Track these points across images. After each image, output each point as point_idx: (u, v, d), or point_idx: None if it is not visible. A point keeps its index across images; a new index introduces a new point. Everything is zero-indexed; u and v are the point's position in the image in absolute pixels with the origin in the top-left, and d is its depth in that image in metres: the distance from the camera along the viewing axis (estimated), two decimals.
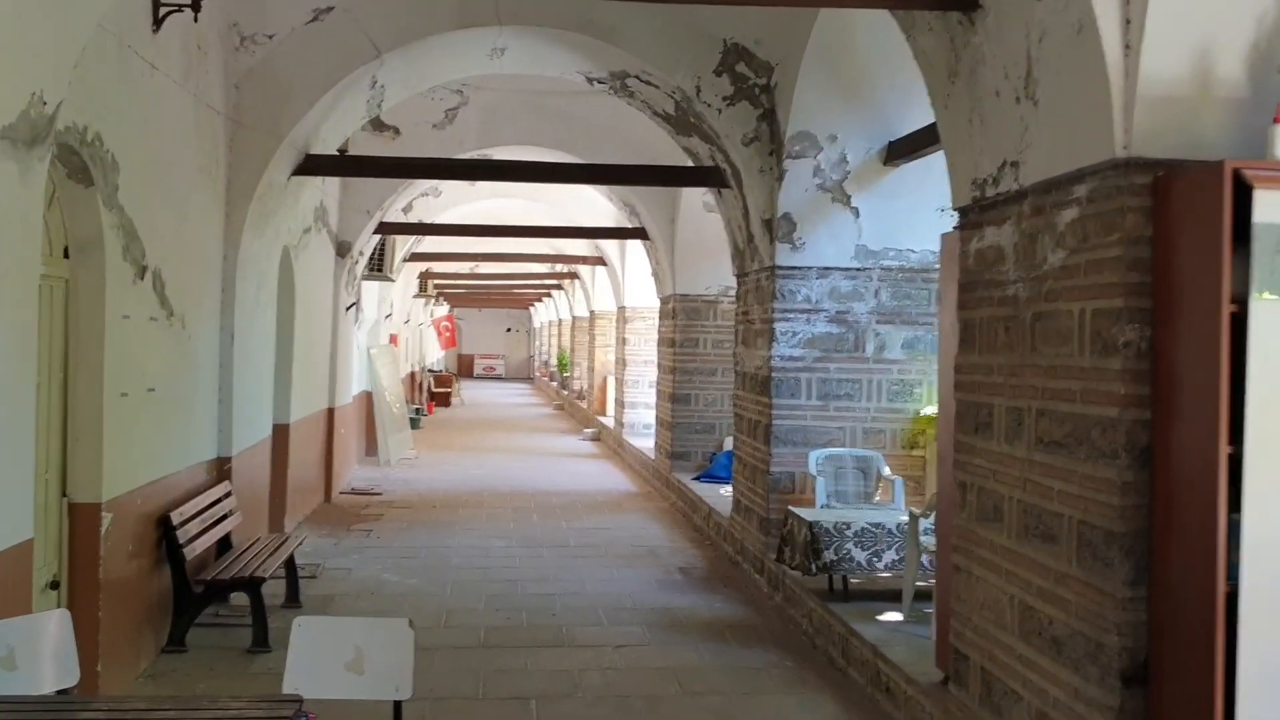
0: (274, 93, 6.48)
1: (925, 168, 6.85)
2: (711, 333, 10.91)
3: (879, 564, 5.78)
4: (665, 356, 11.44)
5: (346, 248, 10.67)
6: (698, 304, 10.90)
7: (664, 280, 11.45)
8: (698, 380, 10.91)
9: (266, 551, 6.42)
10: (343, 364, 11.06)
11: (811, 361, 6.92)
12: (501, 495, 11.27)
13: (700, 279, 10.87)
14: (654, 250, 11.55)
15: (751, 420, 7.38)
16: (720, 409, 10.93)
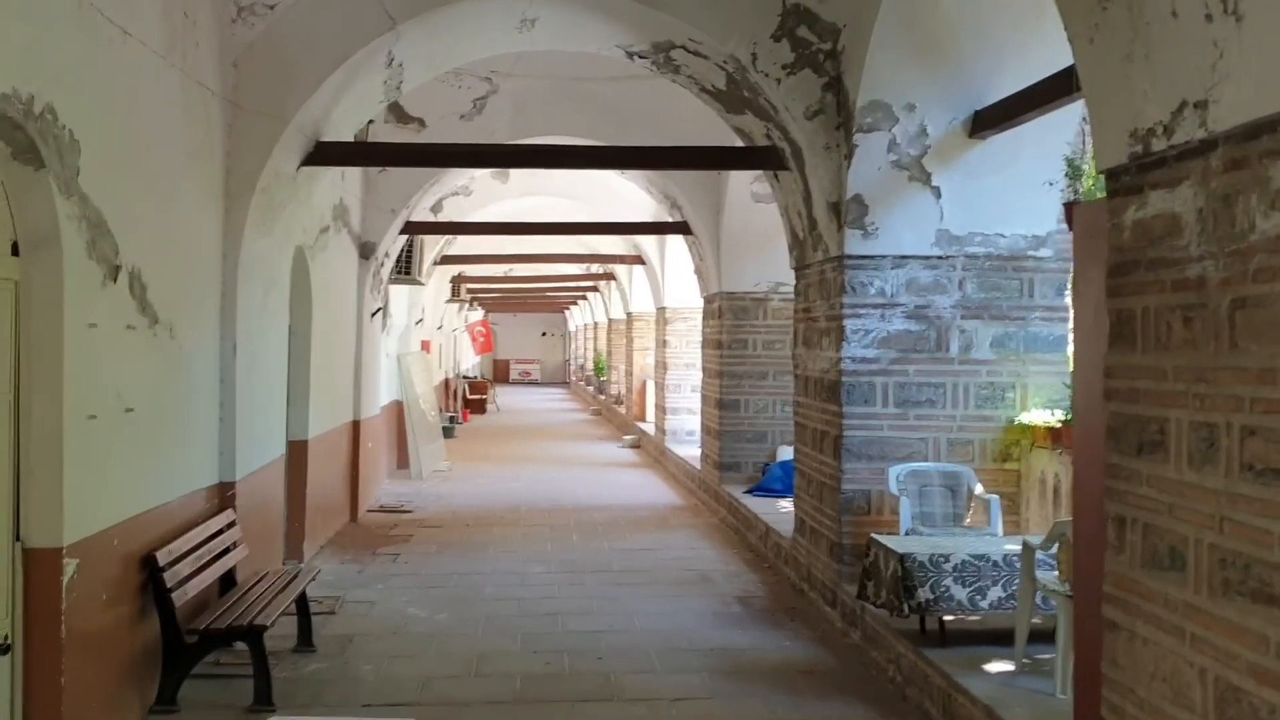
0: (277, 70, 5.76)
1: (1017, 140, 6.07)
2: (761, 333, 10.32)
3: (982, 602, 4.93)
4: (711, 359, 10.89)
5: (370, 249, 10.12)
6: (746, 302, 10.29)
7: (708, 278, 10.82)
8: (747, 385, 10.33)
9: (275, 589, 5.69)
10: (369, 373, 10.52)
11: (887, 363, 6.21)
12: (538, 511, 10.73)
13: (748, 275, 10.29)
14: (697, 245, 10.94)
15: (817, 430, 6.68)
16: (772, 416, 10.34)
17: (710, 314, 10.91)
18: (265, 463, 6.52)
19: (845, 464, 6.20)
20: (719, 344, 10.41)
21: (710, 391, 10.88)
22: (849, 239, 6.11)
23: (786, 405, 10.08)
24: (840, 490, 6.23)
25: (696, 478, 11.60)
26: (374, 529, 9.65)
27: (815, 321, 6.72)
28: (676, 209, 11.01)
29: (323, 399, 8.53)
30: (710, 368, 10.91)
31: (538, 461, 15.10)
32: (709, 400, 10.98)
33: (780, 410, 10.21)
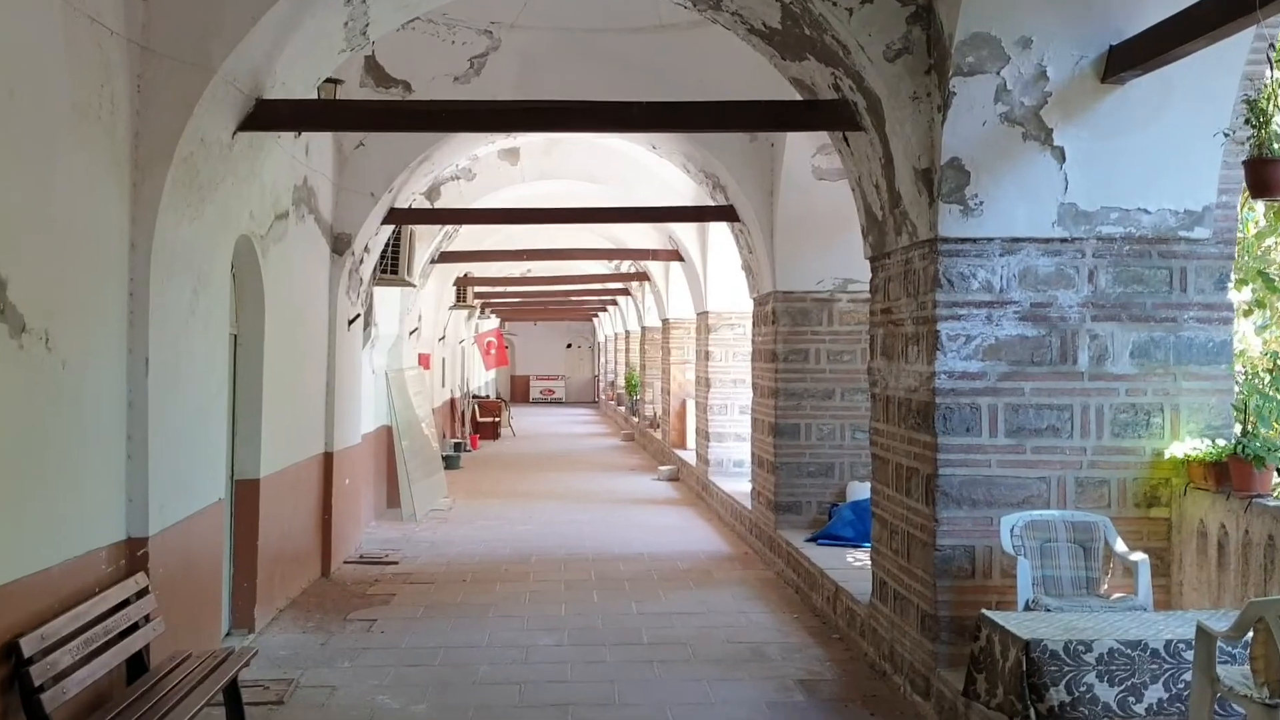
0: (199, 3, 5.13)
1: (1164, 86, 5.40)
2: (825, 341, 9.86)
3: (1137, 706, 4.16)
4: (764, 374, 10.48)
5: (345, 242, 9.73)
6: (806, 304, 9.83)
7: (760, 274, 10.38)
8: (808, 406, 9.86)
9: (198, 676, 5.01)
10: (346, 393, 10.14)
11: (995, 380, 5.60)
12: (552, 562, 10.30)
13: (809, 270, 9.82)
14: (746, 235, 10.49)
15: (901, 466, 6.09)
16: (840, 444, 9.85)
17: (762, 319, 10.56)
18: (195, 510, 5.96)
19: (940, 511, 5.56)
20: (773, 356, 9.99)
21: (763, 414, 10.48)
22: (944, 217, 5.52)
23: (859, 431, 9.62)
24: (934, 546, 5.59)
25: (747, 520, 11.23)
26: (349, 586, 9.19)
27: (899, 326, 6.14)
28: (720, 190, 10.58)
29: (283, 426, 8.09)
30: (762, 384, 10.53)
31: (557, 498, 14.93)
32: (761, 425, 10.56)
33: (850, 437, 9.76)
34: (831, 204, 9.34)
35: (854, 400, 9.66)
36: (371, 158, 9.65)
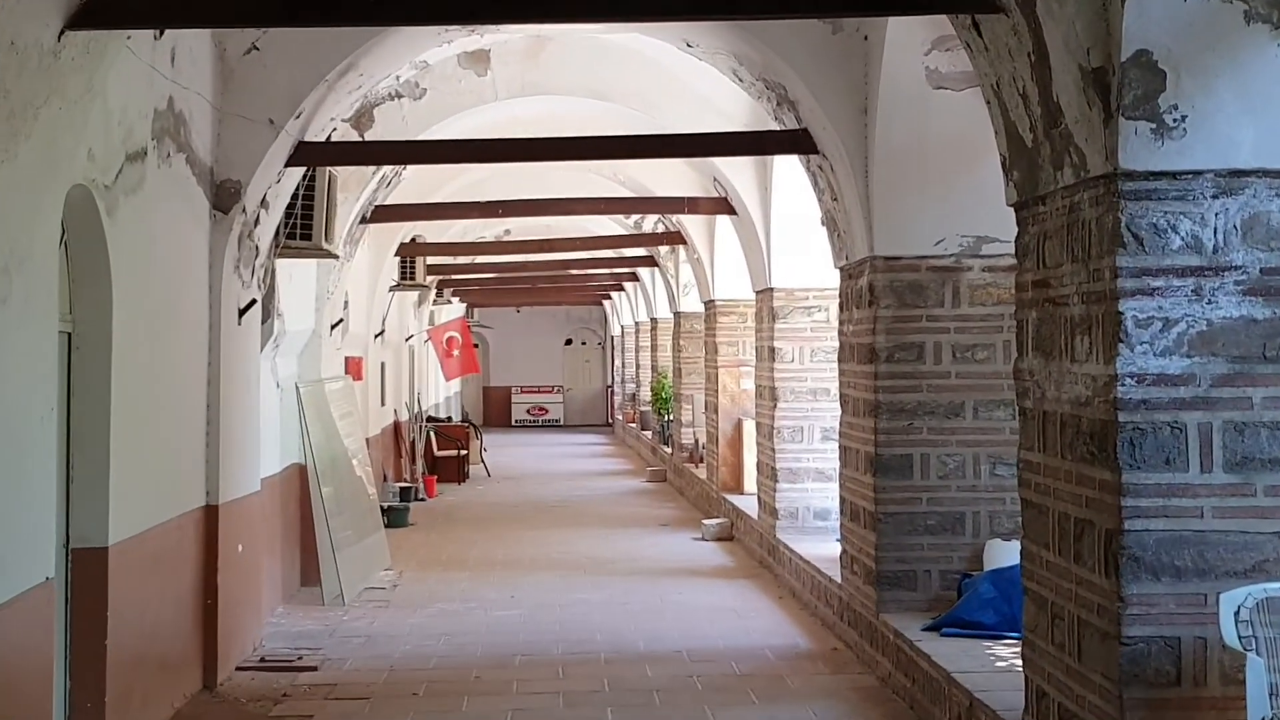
0: None
1: None
2: (950, 330, 9.86)
3: None
4: (856, 381, 10.57)
5: (232, 193, 9.83)
6: (920, 274, 9.86)
7: (850, 232, 10.47)
8: (924, 427, 9.87)
9: None
10: (236, 418, 10.25)
11: (1209, 385, 5.59)
12: (547, 665, 10.40)
13: (923, 225, 9.84)
14: (827, 173, 10.56)
15: (1069, 517, 6.07)
16: (973, 483, 9.84)
17: (853, 299, 10.61)
18: (4, 597, 5.96)
19: (1128, 585, 5.54)
20: (870, 354, 10.02)
21: (856, 440, 10.52)
22: (1128, 142, 5.50)
23: (1001, 464, 9.62)
24: (1119, 637, 5.57)
25: (834, 599, 11.31)
26: (245, 705, 9.28)
27: (1061, 306, 6.14)
28: (788, 108, 10.60)
29: (142, 469, 8.17)
30: (855, 397, 10.57)
31: (552, 567, 15.21)
32: (854, 457, 10.61)
33: (989, 474, 9.76)
34: (956, 125, 9.37)
35: (993, 418, 9.71)
36: (270, 68, 9.73)
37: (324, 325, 14.24)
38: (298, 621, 12.02)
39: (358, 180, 13.47)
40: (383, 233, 17.81)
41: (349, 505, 14.16)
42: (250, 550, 10.71)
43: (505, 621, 12.01)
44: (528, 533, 18.07)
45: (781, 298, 14.52)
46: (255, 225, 10.28)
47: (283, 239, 11.23)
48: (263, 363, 11.54)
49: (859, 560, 10.40)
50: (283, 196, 10.79)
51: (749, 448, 17.32)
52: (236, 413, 10.22)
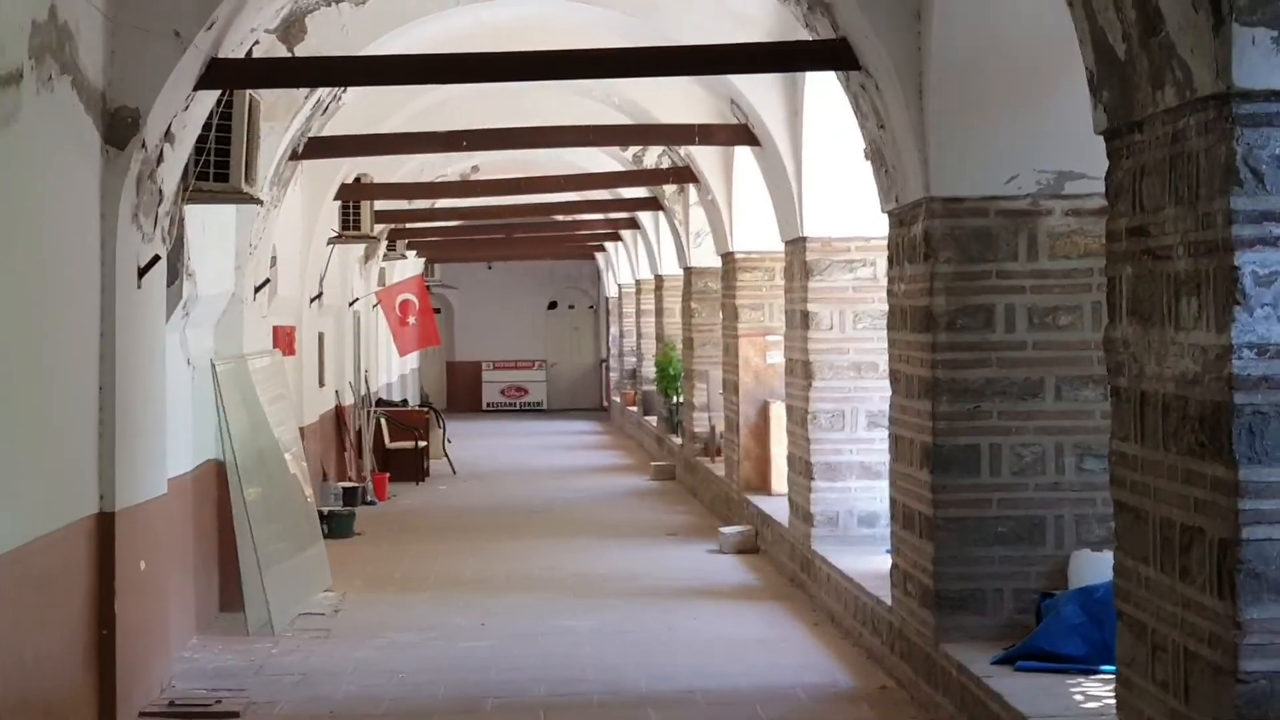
0: None
1: None
2: (1025, 290, 9.88)
3: None
4: (909, 353, 10.58)
5: (129, 123, 9.77)
6: (988, 219, 9.88)
7: (899, 168, 10.50)
8: (994, 411, 9.89)
9: None
10: (136, 404, 10.24)
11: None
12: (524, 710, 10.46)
13: (991, 157, 9.88)
14: (871, 94, 10.55)
15: (1173, 524, 6.08)
16: (1055, 480, 9.87)
17: (905, 250, 10.62)
18: None
19: (1246, 607, 5.54)
20: (927, 318, 10.02)
21: (909, 427, 10.55)
22: (1244, 54, 5.50)
23: (1090, 455, 9.64)
24: (1235, 673, 5.57)
25: (883, 625, 11.34)
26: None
27: (1162, 260, 6.15)
28: (821, 12, 10.64)
29: (12, 468, 8.14)
30: (907, 373, 10.60)
31: (533, 588, 15.26)
32: (907, 448, 10.63)
33: (1075, 468, 9.78)
34: (1031, 33, 9.39)
35: (1080, 399, 9.74)
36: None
37: (246, 287, 14.22)
38: (216, 655, 12.02)
39: (286, 107, 13.47)
40: (319, 172, 17.94)
41: (279, 511, 14.19)
42: (155, 568, 10.67)
43: (474, 655, 12.02)
44: (502, 544, 18.07)
45: (817, 249, 14.44)
46: (158, 163, 10.20)
47: (193, 180, 11.18)
48: (170, 335, 11.47)
49: (913, 577, 10.38)
50: (192, 127, 10.73)
51: (777, 437, 17.28)
52: (136, 397, 10.16)
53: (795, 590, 14.48)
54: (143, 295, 10.31)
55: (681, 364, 25.50)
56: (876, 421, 13.62)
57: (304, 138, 14.61)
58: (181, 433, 12.10)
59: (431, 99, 18.02)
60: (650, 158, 22.50)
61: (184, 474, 12.18)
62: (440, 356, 43.00)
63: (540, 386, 44.89)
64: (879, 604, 11.39)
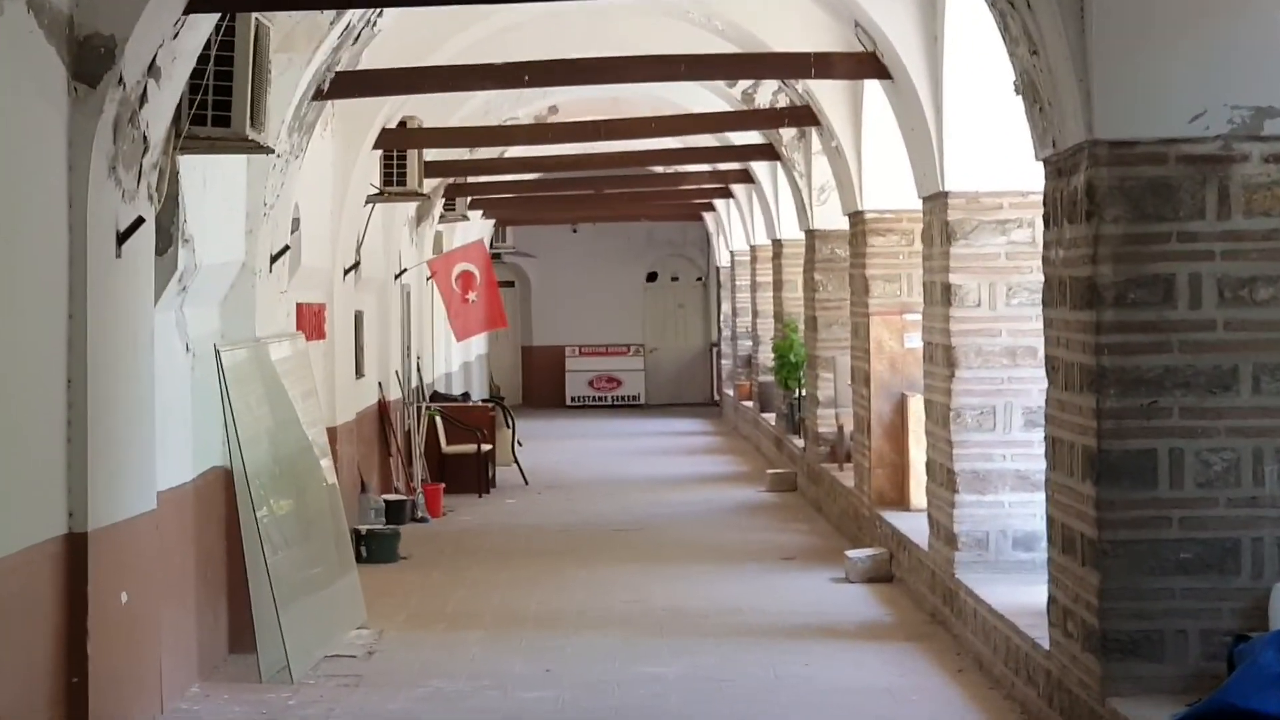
0: None
1: None
2: (1214, 256, 9.73)
3: None
4: (1068, 334, 10.48)
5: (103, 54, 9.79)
6: (1167, 167, 9.72)
7: (1055, 105, 10.34)
8: (1176, 407, 9.75)
9: None
10: (114, 400, 10.26)
11: None
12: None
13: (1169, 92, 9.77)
14: (1016, 14, 10.46)
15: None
16: (1255, 496, 9.72)
17: (1063, 206, 10.54)
18: None
19: None
20: (1090, 292, 9.93)
21: (1068, 426, 10.47)
22: None
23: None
24: None
25: (1040, 673, 11.28)
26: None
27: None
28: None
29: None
30: (1067, 359, 10.51)
31: (610, 626, 15.27)
32: (1066, 451, 10.55)
33: (1278, 478, 9.64)
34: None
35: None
36: None
37: (260, 256, 14.21)
38: (220, 707, 12.05)
39: (308, 35, 13.53)
40: (354, 115, 18.02)
41: (303, 531, 14.24)
42: (142, 600, 10.68)
43: (534, 710, 12.07)
44: (579, 571, 18.12)
45: (961, 206, 14.42)
46: (141, 104, 10.20)
47: (186, 125, 11.23)
48: (162, 315, 11.52)
49: (1075, 614, 10.27)
50: (183, 60, 10.73)
51: (918, 439, 17.17)
52: (116, 392, 10.18)
53: (935, 629, 14.47)
54: (124, 266, 10.30)
55: (804, 349, 25.40)
56: (1035, 420, 13.30)
57: (331, 73, 14.64)
58: (178, 434, 12.18)
59: (490, 26, 18.02)
60: (764, 95, 22.44)
61: (182, 485, 12.22)
62: (514, 341, 43.12)
63: (637, 377, 44.85)
64: (1035, 647, 11.32)
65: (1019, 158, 13.10)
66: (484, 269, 26.17)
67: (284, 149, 13.66)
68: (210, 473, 13.15)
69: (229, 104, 11.33)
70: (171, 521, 11.67)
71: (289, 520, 13.84)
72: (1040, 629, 11.24)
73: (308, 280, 16.71)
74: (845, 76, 16.24)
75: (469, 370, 36.05)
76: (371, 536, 18.37)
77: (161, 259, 11.36)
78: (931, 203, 14.94)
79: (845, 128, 18.92)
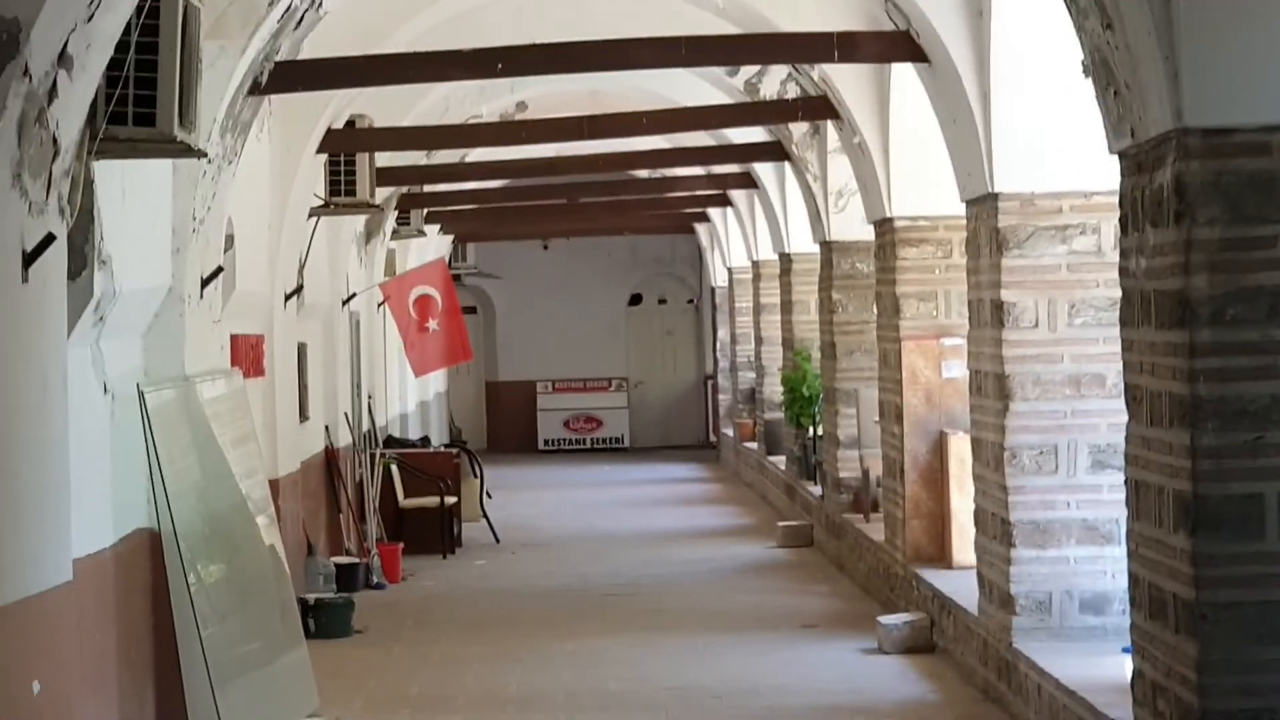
0: None
1: None
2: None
3: None
4: (1154, 359, 10.41)
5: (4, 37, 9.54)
6: (1273, 159, 9.71)
7: (1135, 87, 10.28)
8: None
9: None
10: (17, 451, 10.08)
11: None
12: None
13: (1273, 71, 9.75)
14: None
15: None
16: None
17: (1146, 207, 10.45)
18: None
19: None
20: (1181, 308, 9.83)
21: (1155, 468, 10.39)
22: None
23: None
24: None
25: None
26: None
27: None
28: None
29: None
30: (1152, 388, 10.45)
31: (605, 711, 15.45)
32: (1152, 497, 10.48)
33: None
34: None
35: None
36: None
37: (188, 280, 14.26)
38: None
39: (242, 19, 13.56)
40: (295, 113, 18.16)
41: (243, 602, 14.30)
42: (56, 688, 10.49)
43: None
44: (564, 644, 18.16)
45: (1013, 210, 14.42)
46: (49, 100, 10.08)
47: (103, 125, 11.20)
48: (75, 349, 11.47)
49: (1168, 691, 10.17)
50: (99, 48, 10.59)
51: (960, 484, 17.29)
52: (22, 441, 10.04)
53: (989, 708, 14.46)
54: (31, 293, 10.15)
55: (820, 381, 25.51)
56: (1105, 460, 13.61)
57: (269, 63, 14.63)
58: (96, 492, 12.12)
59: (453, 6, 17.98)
60: (770, 85, 22.42)
61: (100, 552, 12.16)
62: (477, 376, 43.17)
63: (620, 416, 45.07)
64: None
65: (1081, 153, 13.54)
66: (445, 293, 26.13)
67: (216, 153, 13.64)
68: (133, 535, 13.12)
69: (153, 99, 11.33)
70: (90, 594, 11.61)
71: (223, 588, 13.89)
72: (1122, 708, 11.26)
73: (244, 307, 16.74)
74: (874, 60, 16.36)
75: (426, 410, 36.17)
76: (321, 607, 18.44)
77: (74, 284, 11.30)
78: (978, 206, 14.94)
79: (870, 121, 18.99)
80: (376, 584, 21.95)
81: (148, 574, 13.38)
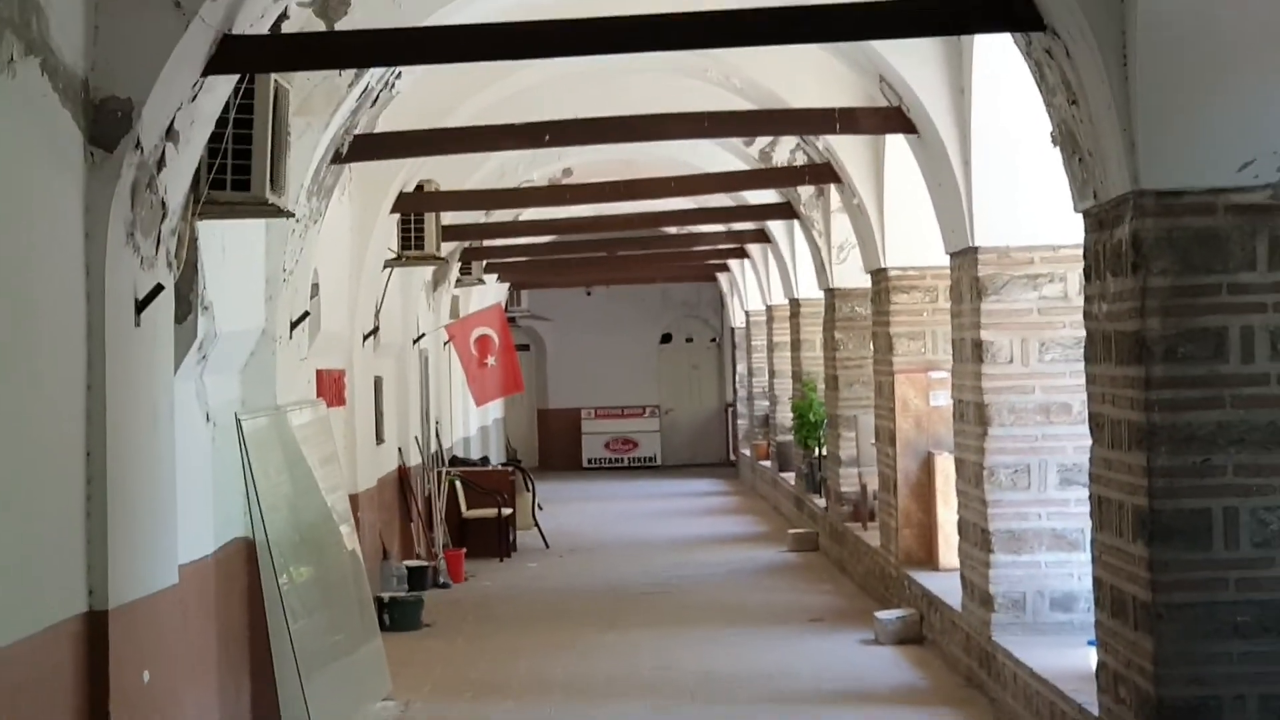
0: None
1: None
2: (1267, 308, 9.63)
3: None
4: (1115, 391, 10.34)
5: (120, 117, 9.62)
6: (1217, 218, 9.62)
7: (1097, 155, 10.23)
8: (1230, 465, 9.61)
9: None
10: (134, 472, 10.08)
11: None
12: None
13: (1217, 141, 9.65)
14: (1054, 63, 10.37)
15: None
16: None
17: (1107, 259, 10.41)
18: None
19: None
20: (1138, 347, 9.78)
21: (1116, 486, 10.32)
22: None
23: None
24: None
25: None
26: None
27: None
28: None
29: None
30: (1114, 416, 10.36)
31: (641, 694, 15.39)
32: (1114, 511, 10.41)
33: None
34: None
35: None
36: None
37: (280, 323, 14.22)
38: None
39: (326, 97, 13.52)
40: (371, 179, 18.11)
41: (327, 600, 14.27)
42: (165, 678, 10.50)
43: None
44: (605, 636, 18.18)
45: (991, 261, 14.44)
46: (159, 169, 10.05)
47: (205, 190, 11.15)
48: (182, 385, 11.42)
49: (1128, 680, 10.10)
50: (201, 123, 10.61)
51: (946, 498, 17.31)
52: (136, 465, 10.03)
53: (971, 692, 14.43)
54: (143, 335, 10.16)
55: (824, 408, 25.59)
56: (1071, 478, 13.69)
57: (349, 136, 14.64)
58: (199, 506, 12.09)
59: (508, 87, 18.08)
60: (781, 154, 22.50)
61: (203, 558, 12.17)
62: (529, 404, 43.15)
63: (653, 438, 45.00)
64: (1082, 712, 11.26)
65: (1049, 211, 13.61)
66: (502, 333, 26.35)
67: (303, 213, 13.66)
68: (232, 544, 13.14)
69: (248, 167, 11.33)
70: (193, 595, 11.61)
71: (311, 588, 13.87)
72: (1087, 694, 11.24)
73: (327, 346, 16.75)
74: (871, 131, 16.31)
75: (486, 434, 36.19)
76: (394, 604, 18.43)
77: (181, 327, 11.31)
78: (960, 258, 14.96)
79: (867, 184, 19.05)
80: (442, 584, 21.94)
81: (244, 577, 13.40)
